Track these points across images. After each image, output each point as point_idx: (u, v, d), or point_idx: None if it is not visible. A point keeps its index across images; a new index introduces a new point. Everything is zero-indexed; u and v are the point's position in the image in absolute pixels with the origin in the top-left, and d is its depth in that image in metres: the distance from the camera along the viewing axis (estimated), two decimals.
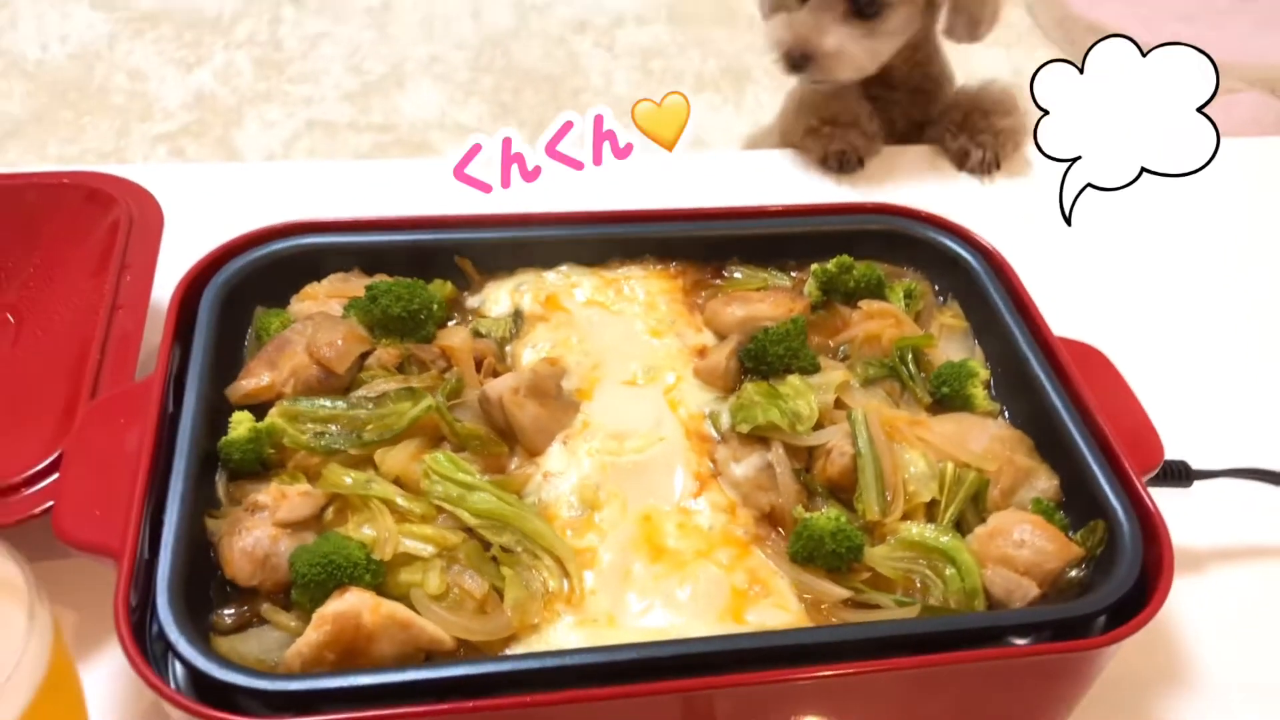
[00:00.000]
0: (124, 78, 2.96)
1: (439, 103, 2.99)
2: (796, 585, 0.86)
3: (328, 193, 1.43)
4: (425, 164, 1.48)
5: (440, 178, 1.47)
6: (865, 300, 1.08)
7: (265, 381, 0.95)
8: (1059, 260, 1.38)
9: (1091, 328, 1.11)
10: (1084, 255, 1.42)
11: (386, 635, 0.79)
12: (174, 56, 3.04)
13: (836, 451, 0.93)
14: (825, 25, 1.43)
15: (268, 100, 2.94)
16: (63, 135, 2.77)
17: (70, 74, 2.96)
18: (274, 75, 3.02)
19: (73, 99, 2.89)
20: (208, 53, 3.07)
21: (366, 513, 0.86)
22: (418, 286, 1.00)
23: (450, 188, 1.43)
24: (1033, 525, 0.89)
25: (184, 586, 0.80)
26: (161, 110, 2.88)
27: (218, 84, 2.97)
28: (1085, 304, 1.27)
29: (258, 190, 1.43)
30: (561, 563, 0.86)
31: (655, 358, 1.03)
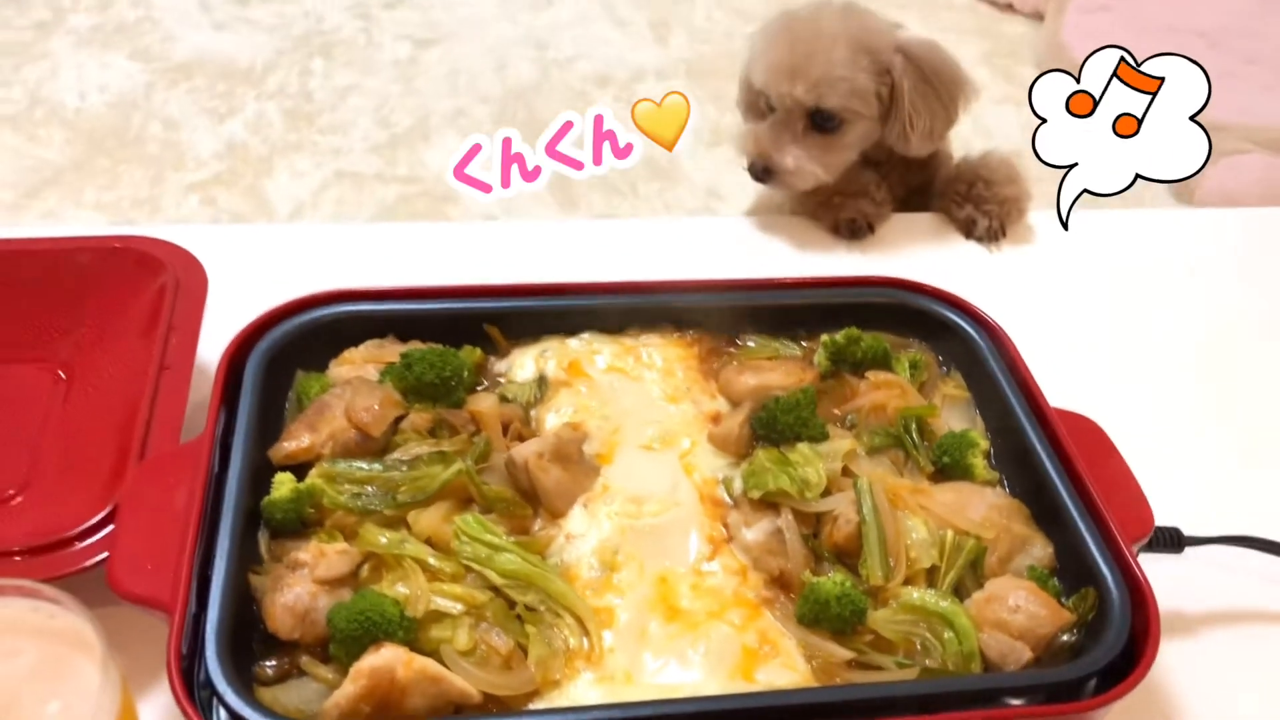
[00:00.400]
0: (159, 127, 3.06)
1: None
2: (804, 646, 0.92)
3: (358, 254, 1.50)
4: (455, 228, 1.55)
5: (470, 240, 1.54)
6: (872, 371, 1.13)
7: (305, 443, 1.00)
8: (1058, 330, 1.44)
9: (1088, 397, 1.17)
10: (1082, 325, 1.47)
11: (418, 689, 0.84)
12: (207, 106, 3.14)
13: (843, 518, 0.98)
14: (784, 142, 1.52)
15: (298, 150, 3.02)
16: (99, 183, 2.85)
17: (108, 123, 3.05)
18: (304, 126, 3.11)
19: (109, 147, 2.98)
20: (240, 103, 3.17)
21: (400, 571, 0.92)
22: (449, 354, 1.06)
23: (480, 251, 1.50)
24: (1027, 592, 0.94)
25: (230, 638, 0.86)
26: (194, 159, 2.96)
27: (249, 134, 3.06)
28: (1082, 374, 1.32)
29: (295, 252, 1.50)
30: (582, 622, 0.91)
31: (671, 423, 1.09)
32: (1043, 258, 1.60)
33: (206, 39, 3.44)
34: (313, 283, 1.15)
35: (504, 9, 3.75)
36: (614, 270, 1.46)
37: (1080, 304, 1.51)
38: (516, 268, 1.48)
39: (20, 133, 3.01)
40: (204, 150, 3.01)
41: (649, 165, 3.12)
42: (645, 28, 3.73)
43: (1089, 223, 1.69)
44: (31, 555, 0.99)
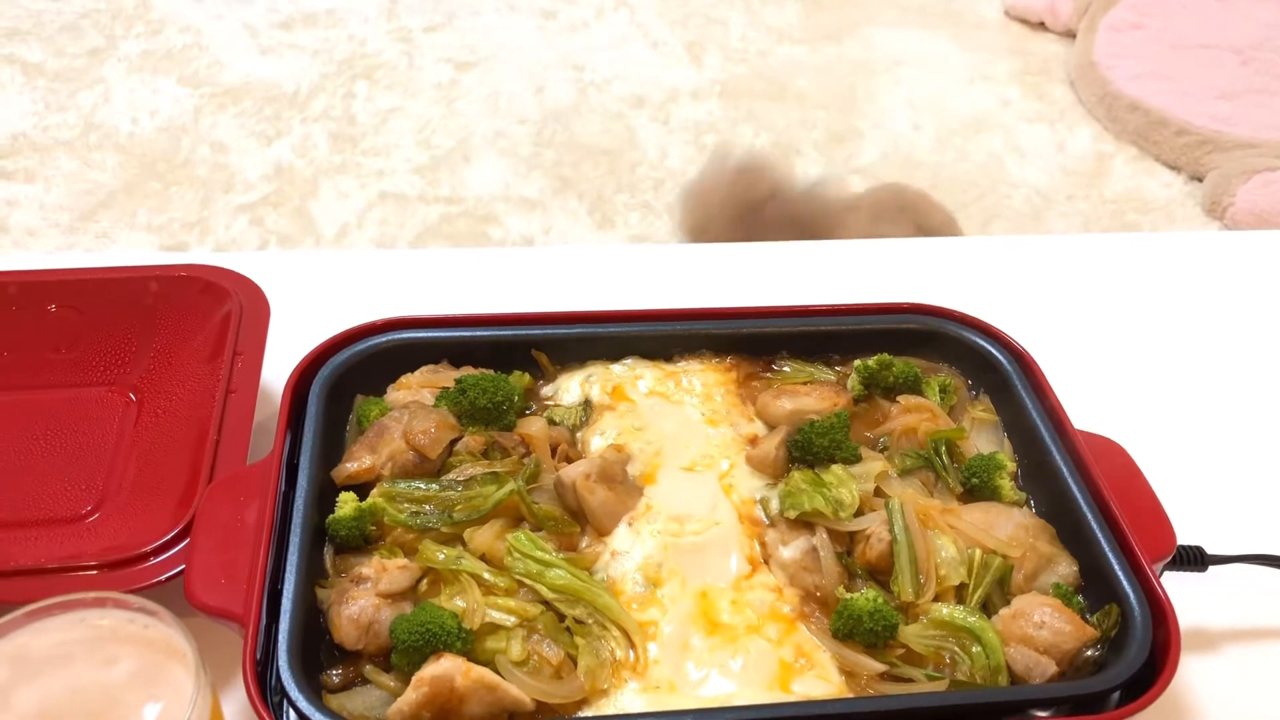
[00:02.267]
0: (208, 150, 3.15)
1: (503, 176, 3.14)
2: (837, 659, 0.96)
3: (409, 279, 1.56)
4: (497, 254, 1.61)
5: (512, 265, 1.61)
6: (903, 395, 1.18)
7: (366, 464, 1.07)
8: (1083, 352, 1.48)
9: (1113, 419, 1.21)
10: (1108, 346, 1.51)
11: (476, 697, 0.90)
12: (254, 130, 3.23)
13: (875, 537, 1.03)
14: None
15: (342, 172, 3.10)
16: (151, 205, 2.95)
17: (158, 146, 3.14)
18: (348, 149, 3.19)
19: (160, 170, 3.07)
20: (286, 126, 3.25)
21: (457, 585, 0.97)
22: (501, 380, 1.12)
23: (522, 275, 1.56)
24: (1052, 608, 0.98)
25: (300, 648, 0.92)
26: (242, 181, 3.05)
27: (295, 156, 3.14)
28: (1108, 395, 1.37)
29: (348, 277, 1.56)
30: (628, 634, 0.96)
31: (711, 446, 1.14)
32: (1070, 280, 1.64)
33: (253, 64, 3.54)
34: (367, 307, 1.22)
35: (541, 32, 3.82)
36: (650, 294, 1.52)
37: (1107, 326, 1.55)
38: (557, 292, 1.53)
39: (76, 157, 3.11)
40: (252, 173, 3.10)
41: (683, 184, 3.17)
42: (680, 48, 3.80)
43: (1117, 245, 1.73)
44: (109, 569, 1.06)
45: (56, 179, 3.03)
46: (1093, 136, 3.52)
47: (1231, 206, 3.13)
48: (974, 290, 1.56)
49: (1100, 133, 3.54)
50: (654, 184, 3.16)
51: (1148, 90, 3.50)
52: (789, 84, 3.63)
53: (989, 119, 3.56)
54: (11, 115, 3.24)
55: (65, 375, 1.32)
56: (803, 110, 3.52)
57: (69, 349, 1.32)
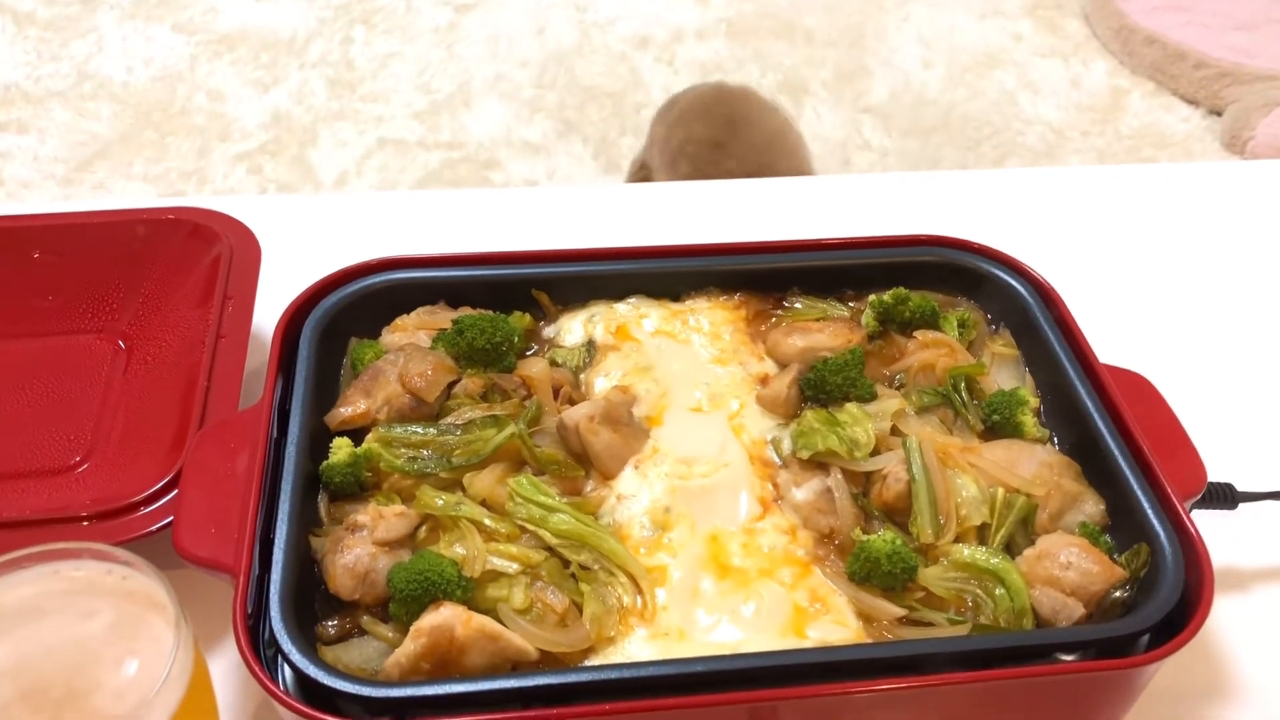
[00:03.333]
0: (204, 98, 3.09)
1: (505, 120, 3.08)
2: (854, 603, 0.92)
3: (407, 221, 1.51)
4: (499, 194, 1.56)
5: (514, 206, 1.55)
6: (920, 330, 1.13)
7: (361, 409, 1.02)
8: (1105, 286, 1.43)
9: (1137, 353, 1.16)
10: (1130, 280, 1.46)
11: (477, 647, 0.86)
12: (251, 77, 3.16)
13: (892, 477, 0.98)
14: None
15: (340, 119, 3.04)
16: (147, 155, 2.89)
17: (154, 96, 3.08)
18: (346, 95, 3.13)
19: (156, 119, 3.02)
20: (283, 73, 3.19)
21: (457, 532, 0.93)
22: (500, 320, 1.07)
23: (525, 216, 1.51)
24: (1079, 548, 0.94)
25: (293, 599, 0.88)
26: (240, 130, 2.99)
27: (292, 104, 3.08)
28: (1131, 329, 1.31)
29: (344, 220, 1.51)
30: (635, 580, 0.93)
31: (720, 385, 1.09)
32: (1090, 212, 1.59)
33: (249, 10, 3.46)
34: (362, 251, 1.17)
35: None
36: (657, 234, 1.46)
37: (1128, 258, 1.50)
38: (561, 233, 1.49)
39: (70, 107, 3.06)
40: (249, 121, 3.04)
41: None
42: None
43: (1137, 176, 1.67)
44: (98, 520, 1.03)
45: (50, 130, 2.97)
46: (1108, 71, 3.43)
47: (1252, 140, 3.05)
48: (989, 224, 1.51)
49: (1116, 67, 3.45)
50: None
51: (1165, 23, 3.40)
52: (797, 21, 3.54)
53: (1001, 55, 3.47)
54: (3, 66, 3.17)
55: (52, 323, 1.28)
56: (811, 48, 3.44)
57: (55, 296, 1.28)
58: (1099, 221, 1.57)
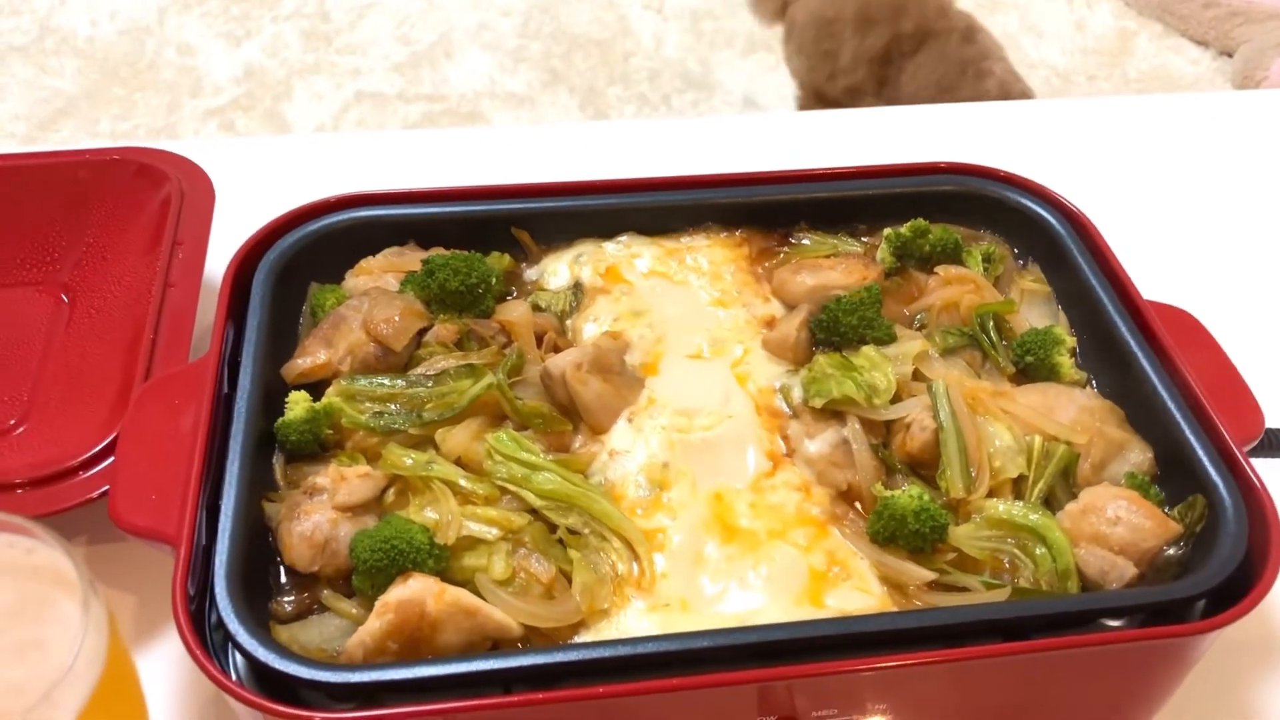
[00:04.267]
0: (173, 53, 2.95)
1: (488, 71, 2.95)
2: (878, 567, 0.82)
3: (379, 164, 1.40)
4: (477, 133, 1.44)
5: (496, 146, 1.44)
6: (942, 265, 1.03)
7: (321, 359, 0.92)
8: (1143, 218, 1.32)
9: (1181, 290, 1.06)
10: (1170, 213, 1.35)
11: (451, 623, 0.76)
12: (222, 30, 3.03)
13: (916, 425, 0.88)
14: None
15: (316, 72, 2.92)
16: (114, 112, 2.77)
17: (121, 50, 2.95)
18: (322, 47, 3.00)
19: (124, 75, 2.88)
20: (256, 26, 3.05)
21: (428, 495, 0.83)
22: (475, 260, 0.97)
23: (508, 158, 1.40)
24: (1128, 501, 0.84)
25: (242, 573, 0.78)
26: (211, 85, 2.86)
27: (266, 57, 2.95)
28: (1174, 265, 1.21)
29: (309, 163, 1.40)
30: (631, 545, 0.82)
31: (721, 330, 0.99)
32: (1122, 142, 1.47)
33: None
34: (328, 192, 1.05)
35: None
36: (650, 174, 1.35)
37: (1163, 191, 1.39)
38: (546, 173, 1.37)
39: (31, 63, 2.92)
40: (220, 75, 2.91)
41: (682, 76, 2.98)
42: None
43: (1171, 106, 1.56)
44: (34, 487, 0.93)
45: (11, 87, 2.84)
46: (1114, 13, 3.31)
47: (1265, 80, 2.93)
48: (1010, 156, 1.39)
49: (1121, 9, 3.32)
50: (649, 75, 2.97)
51: None
52: None
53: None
54: None
55: None
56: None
57: None
58: (1127, 154, 1.46)
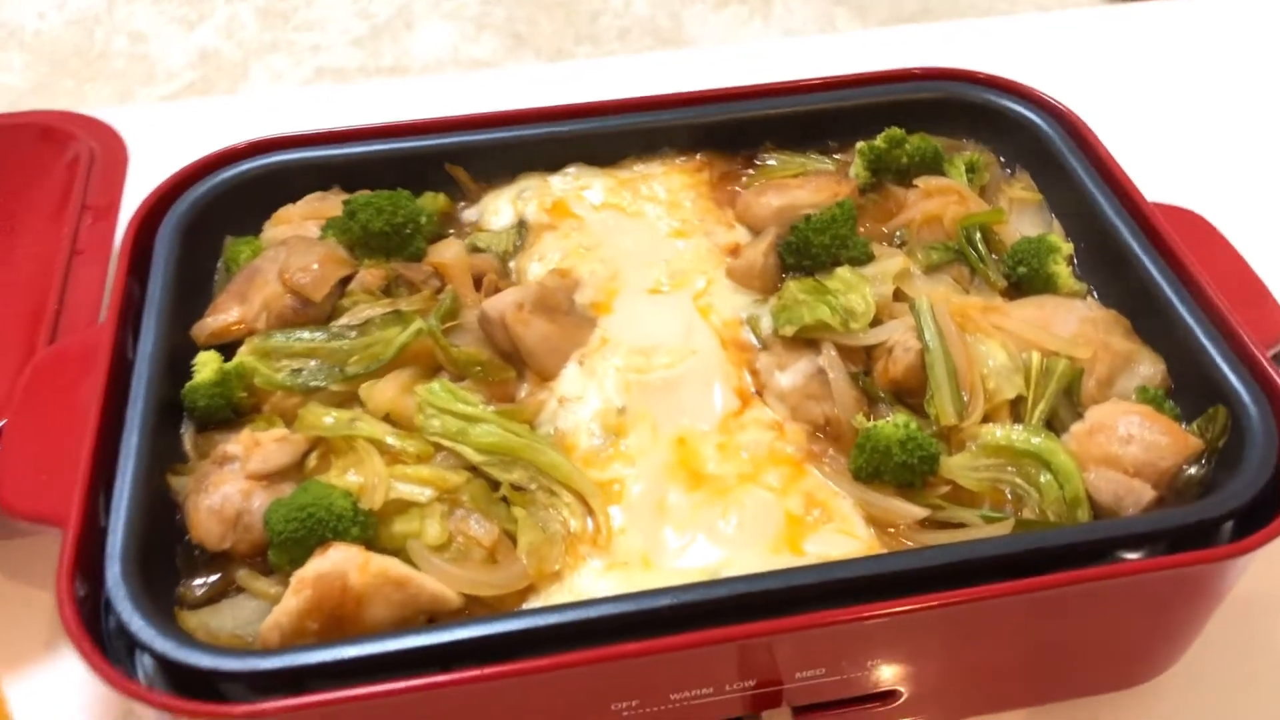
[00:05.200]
0: (125, 41, 2.84)
1: (451, 40, 2.84)
2: (863, 506, 0.74)
3: (312, 118, 1.30)
4: (411, 83, 1.35)
5: (429, 93, 1.34)
6: (921, 177, 0.94)
7: (234, 316, 0.83)
8: (1139, 121, 1.22)
9: (1186, 193, 0.96)
10: (1168, 115, 1.25)
11: (379, 596, 0.67)
12: (174, 15, 2.92)
13: (900, 348, 0.79)
14: None
15: (274, 51, 2.81)
16: (65, 104, 2.64)
17: (69, 41, 2.84)
18: (279, 25, 2.89)
19: (74, 67, 2.78)
20: (209, 8, 2.94)
21: (352, 456, 0.74)
22: (401, 198, 0.87)
23: (442, 105, 1.29)
24: (1141, 417, 0.75)
25: (143, 555, 0.69)
26: (165, 71, 2.75)
27: (221, 39, 2.84)
28: (1176, 167, 1.11)
29: (237, 122, 1.30)
30: (583, 498, 0.74)
31: (682, 261, 0.91)
32: (1108, 37, 1.37)
33: None
34: None
35: None
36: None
37: (1156, 90, 1.28)
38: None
39: None
40: (175, 61, 2.80)
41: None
42: None
43: (1145, 12, 1.46)
44: None
45: None
46: None
47: None
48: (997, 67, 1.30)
49: None
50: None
51: None
52: None
53: None
54: None
55: None
56: None
57: None
58: (1117, 46, 1.36)
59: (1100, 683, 0.80)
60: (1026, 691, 0.79)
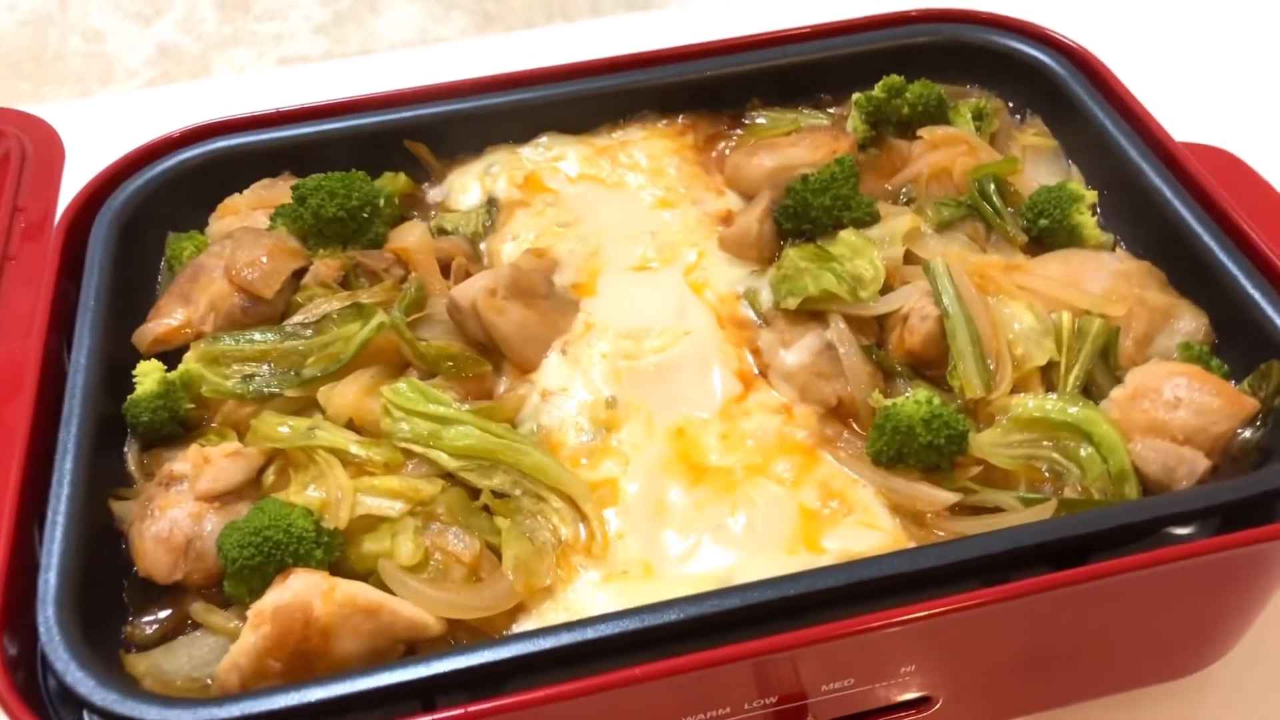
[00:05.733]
0: (80, 40, 2.74)
1: (418, 21, 2.74)
2: (885, 494, 0.68)
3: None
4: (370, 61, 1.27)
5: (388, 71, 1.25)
6: (925, 128, 0.88)
7: (178, 320, 0.75)
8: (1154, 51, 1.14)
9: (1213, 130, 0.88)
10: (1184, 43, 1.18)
11: (348, 627, 0.60)
12: (130, 11, 2.81)
13: (916, 316, 0.72)
14: None
15: (235, 44, 2.70)
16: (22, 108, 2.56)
17: (22, 43, 2.74)
18: (239, 16, 2.79)
19: (28, 70, 2.67)
20: (165, 3, 2.84)
21: (312, 469, 0.67)
22: (356, 179, 0.80)
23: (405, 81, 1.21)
24: (1188, 377, 0.68)
25: (81, 596, 0.62)
26: (123, 69, 2.65)
27: (180, 33, 2.74)
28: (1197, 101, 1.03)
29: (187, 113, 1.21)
30: (574, 502, 0.68)
31: (669, 233, 0.85)
32: None
33: None
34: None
35: None
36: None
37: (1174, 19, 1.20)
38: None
39: None
40: (133, 58, 2.70)
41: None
42: None
43: None
44: None
45: None
46: None
47: None
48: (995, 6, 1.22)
49: None
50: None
51: None
52: None
53: None
54: None
55: None
56: None
57: None
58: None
59: (1145, 674, 0.74)
60: (1069, 687, 0.72)
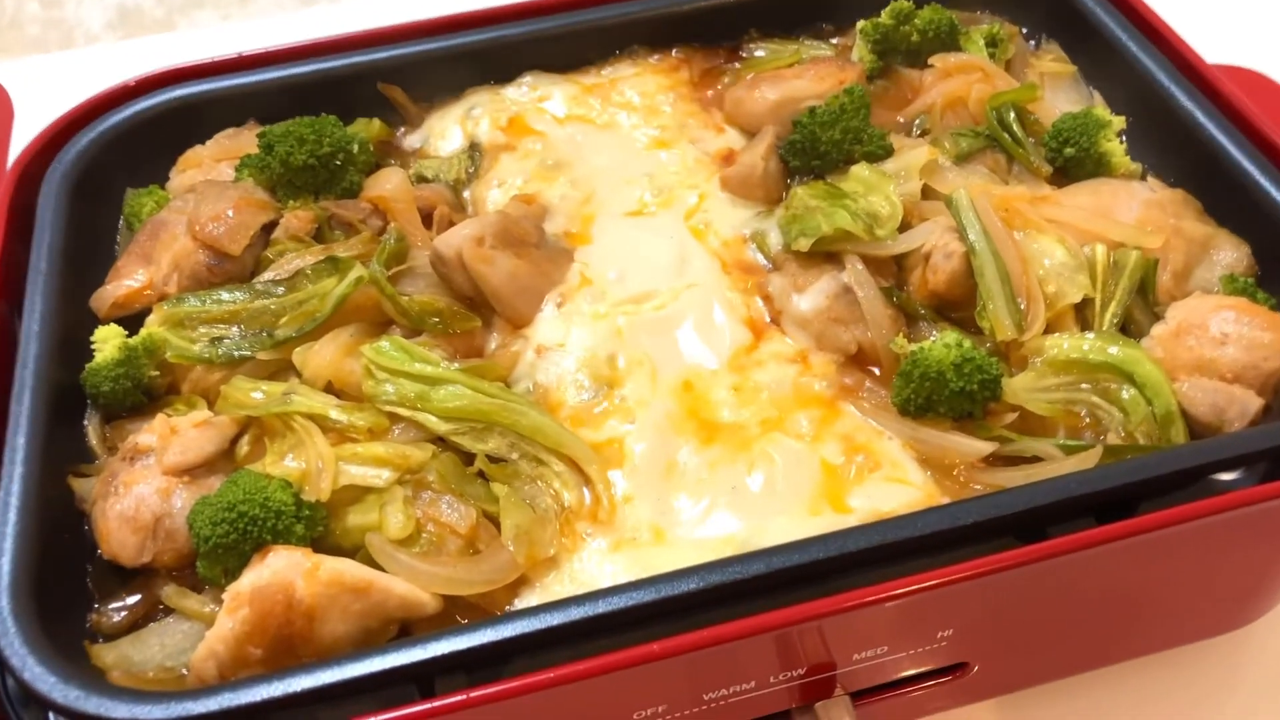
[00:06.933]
0: (37, 6, 2.64)
1: None
2: (914, 446, 0.63)
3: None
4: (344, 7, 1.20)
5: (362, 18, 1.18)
6: (937, 55, 0.82)
7: (139, 281, 0.70)
8: None
9: (1239, 49, 0.83)
10: None
11: (335, 608, 0.55)
12: None
13: (939, 254, 0.67)
14: None
15: (199, 6, 2.61)
16: None
17: None
18: None
19: None
20: None
21: (290, 437, 0.61)
22: (327, 124, 0.74)
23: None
24: (1235, 311, 0.64)
25: (40, 584, 0.57)
26: (84, 34, 2.56)
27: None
28: (1223, 20, 0.97)
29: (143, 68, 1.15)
30: (577, 465, 0.63)
31: (666, 175, 0.80)
32: None
33: None
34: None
35: None
36: None
37: None
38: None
39: None
40: (94, 23, 2.61)
41: None
42: None
43: None
44: None
45: None
46: None
47: None
48: None
49: None
50: None
51: None
52: None
53: None
54: None
55: None
56: None
57: None
58: None
59: (1187, 631, 0.69)
60: (1106, 648, 0.68)
